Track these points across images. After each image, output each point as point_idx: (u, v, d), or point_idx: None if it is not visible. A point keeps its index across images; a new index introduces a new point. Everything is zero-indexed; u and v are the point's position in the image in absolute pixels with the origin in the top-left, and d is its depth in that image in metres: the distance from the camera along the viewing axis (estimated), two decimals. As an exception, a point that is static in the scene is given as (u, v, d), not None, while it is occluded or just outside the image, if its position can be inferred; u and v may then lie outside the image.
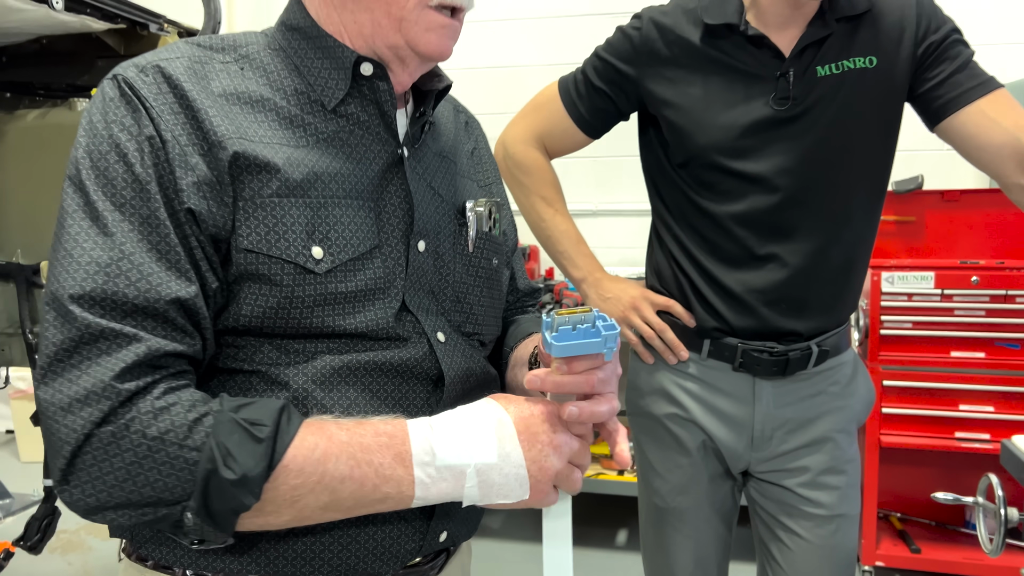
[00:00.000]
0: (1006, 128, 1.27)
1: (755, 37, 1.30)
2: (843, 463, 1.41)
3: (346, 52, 0.82)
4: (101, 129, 0.73)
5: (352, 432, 0.72)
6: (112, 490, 0.67)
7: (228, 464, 0.66)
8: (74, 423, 0.66)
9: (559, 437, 0.76)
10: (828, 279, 1.35)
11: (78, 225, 0.71)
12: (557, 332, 0.72)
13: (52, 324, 0.69)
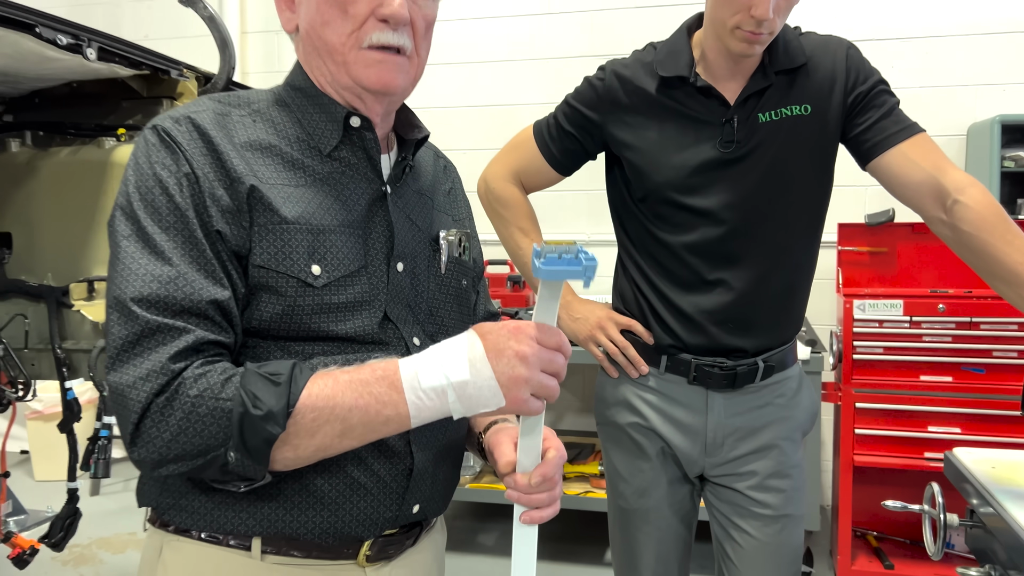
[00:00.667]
0: (924, 168, 1.44)
1: (704, 88, 1.48)
2: (788, 468, 1.56)
3: (339, 108, 1.00)
4: (146, 168, 0.91)
5: (353, 372, 0.88)
6: (169, 445, 0.83)
7: (256, 405, 0.82)
8: (138, 396, 0.83)
9: (524, 348, 0.86)
10: (770, 302, 1.52)
11: (133, 246, 0.88)
12: (545, 259, 0.83)
13: (117, 323, 0.86)
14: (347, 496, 0.95)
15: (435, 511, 1.08)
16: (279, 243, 0.92)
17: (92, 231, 1.91)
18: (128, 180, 0.92)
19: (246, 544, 0.95)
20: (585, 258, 0.83)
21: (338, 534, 0.96)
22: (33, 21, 1.60)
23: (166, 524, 0.97)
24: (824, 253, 3.44)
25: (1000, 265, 1.37)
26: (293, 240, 0.93)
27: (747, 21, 1.35)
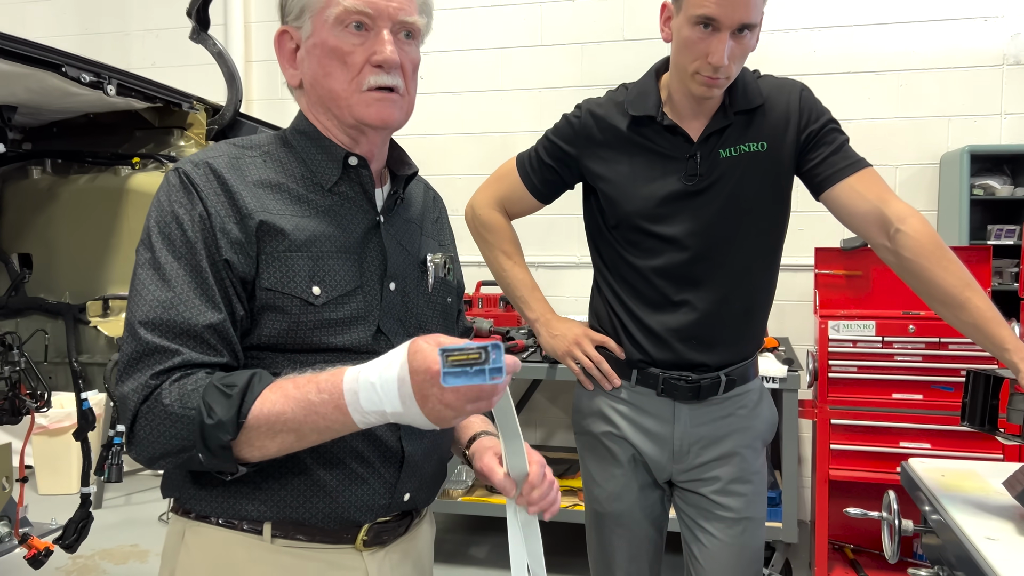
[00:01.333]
0: (870, 200, 1.58)
1: (670, 126, 1.63)
2: (749, 474, 1.70)
3: (338, 149, 1.15)
4: (167, 206, 1.06)
5: (302, 388, 0.98)
6: (154, 445, 0.98)
7: (210, 415, 0.96)
8: (131, 405, 0.99)
9: (451, 397, 0.90)
10: (731, 321, 1.66)
11: (146, 274, 1.03)
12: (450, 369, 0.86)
13: (127, 341, 1.01)
14: (346, 485, 1.09)
15: (424, 501, 1.21)
16: (284, 268, 1.06)
17: (108, 253, 2.05)
18: (151, 216, 1.07)
19: (258, 529, 1.08)
20: (491, 371, 0.86)
21: (339, 519, 1.09)
22: (60, 61, 1.75)
23: (187, 512, 1.11)
24: (801, 276, 3.63)
25: (937, 288, 1.51)
26: (296, 265, 1.07)
27: (705, 67, 1.50)
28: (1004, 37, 3.74)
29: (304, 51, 1.13)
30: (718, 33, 1.48)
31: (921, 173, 3.84)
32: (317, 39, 1.10)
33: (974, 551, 1.27)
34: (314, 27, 1.10)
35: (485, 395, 0.92)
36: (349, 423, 0.98)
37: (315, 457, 1.07)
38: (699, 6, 1.46)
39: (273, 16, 4.62)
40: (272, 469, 1.06)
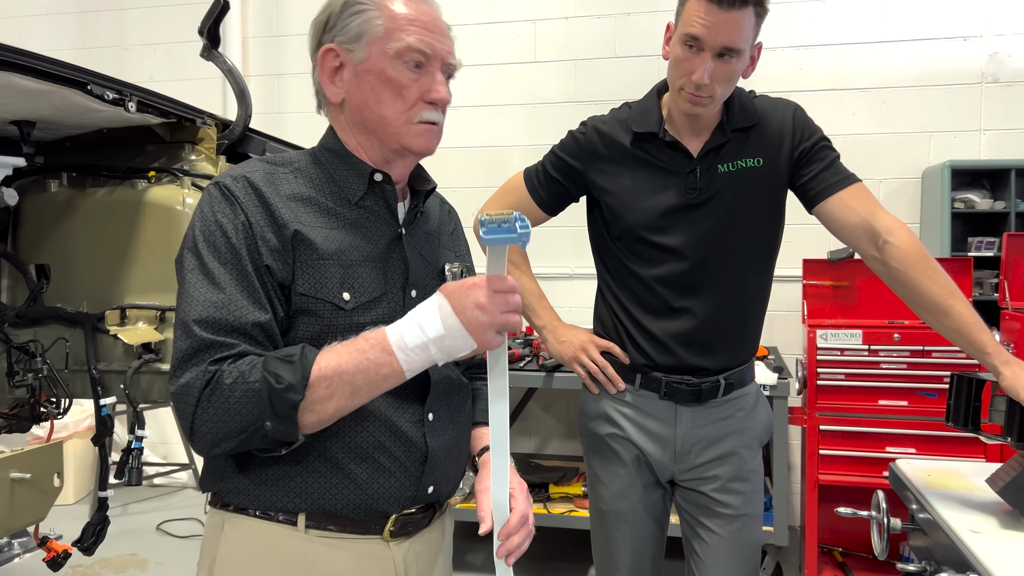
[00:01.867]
0: (860, 213, 1.68)
1: (671, 142, 1.72)
2: (747, 473, 1.78)
3: (365, 166, 1.22)
4: (210, 216, 1.13)
5: (351, 344, 1.08)
6: (218, 426, 1.04)
7: (279, 381, 1.03)
8: (191, 393, 1.05)
9: (482, 299, 1.05)
10: (729, 326, 1.75)
11: (196, 279, 1.10)
12: (486, 228, 0.99)
13: (180, 338, 1.08)
14: (375, 478, 1.16)
15: (447, 494, 1.29)
16: (317, 275, 1.14)
17: (125, 264, 2.11)
18: (195, 226, 1.14)
19: (292, 520, 1.15)
20: (520, 226, 0.99)
21: (368, 509, 1.17)
22: (86, 79, 1.82)
23: (226, 505, 1.18)
24: (790, 286, 3.74)
25: (923, 296, 1.60)
26: (328, 272, 1.15)
27: (688, 84, 1.60)
28: (982, 56, 3.88)
29: (353, 73, 1.19)
30: (701, 53, 1.57)
31: (904, 187, 3.97)
32: (373, 67, 1.17)
33: (960, 544, 1.36)
34: (371, 54, 1.16)
35: (514, 305, 1.07)
36: (395, 367, 1.06)
37: (345, 452, 1.14)
38: (688, 25, 1.56)
39: (270, 32, 4.72)
40: (306, 463, 1.13)
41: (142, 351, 2.02)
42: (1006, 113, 3.87)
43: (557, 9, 4.30)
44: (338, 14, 1.18)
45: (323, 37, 1.20)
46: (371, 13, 1.16)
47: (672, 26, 1.67)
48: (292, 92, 4.71)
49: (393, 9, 1.17)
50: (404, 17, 1.17)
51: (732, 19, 1.54)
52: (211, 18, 2.36)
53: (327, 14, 1.20)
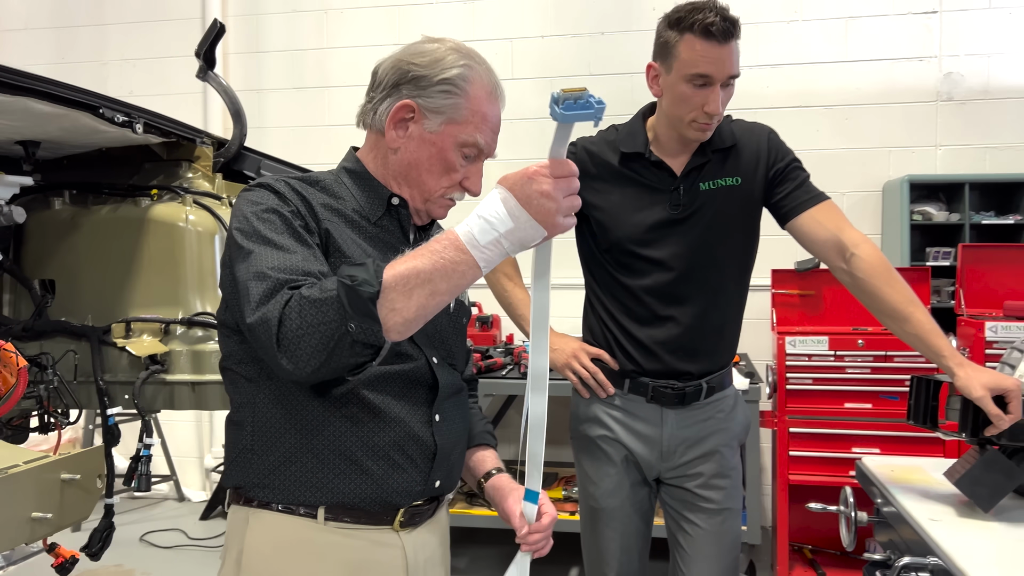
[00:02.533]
0: (829, 229, 1.82)
1: (656, 162, 1.85)
2: (728, 470, 1.91)
3: (385, 190, 1.34)
4: (260, 202, 1.22)
5: (423, 247, 1.10)
6: (304, 339, 1.06)
7: (352, 280, 1.05)
8: (274, 315, 1.08)
9: (545, 187, 1.06)
10: (710, 333, 1.88)
11: (260, 247, 1.16)
12: (563, 104, 0.97)
13: (256, 285, 1.11)
14: (390, 474, 1.26)
15: (449, 487, 1.41)
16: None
17: (129, 278, 2.19)
18: (243, 214, 1.21)
19: (313, 513, 1.25)
20: (596, 102, 0.98)
21: (382, 502, 1.27)
22: (98, 103, 1.90)
23: (250, 500, 1.27)
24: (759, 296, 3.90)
25: (886, 304, 1.75)
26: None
27: (701, 116, 1.74)
28: (938, 76, 4.09)
29: (417, 135, 1.29)
30: (711, 87, 1.71)
31: (866, 200, 4.16)
32: (438, 141, 1.28)
33: (921, 531, 1.49)
34: (442, 132, 1.27)
35: (575, 187, 1.09)
36: (472, 263, 1.08)
37: (364, 450, 1.24)
38: (693, 66, 1.70)
39: (251, 48, 4.79)
40: (328, 461, 1.23)
41: (149, 363, 2.10)
42: (960, 130, 4.09)
43: (533, 28, 4.44)
44: (432, 82, 1.27)
45: (406, 88, 1.28)
46: (460, 100, 1.27)
47: (657, 67, 1.79)
48: (272, 107, 4.79)
49: (478, 107, 1.28)
50: (482, 116, 1.28)
51: (729, 50, 1.70)
52: (208, 40, 2.45)
53: (421, 73, 1.28)
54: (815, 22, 4.19)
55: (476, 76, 1.29)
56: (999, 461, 1.55)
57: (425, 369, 1.32)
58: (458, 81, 1.27)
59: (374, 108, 1.32)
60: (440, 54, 1.29)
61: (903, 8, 4.12)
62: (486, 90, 1.30)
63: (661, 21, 1.78)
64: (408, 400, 1.28)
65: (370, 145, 1.37)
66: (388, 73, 1.30)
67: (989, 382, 1.54)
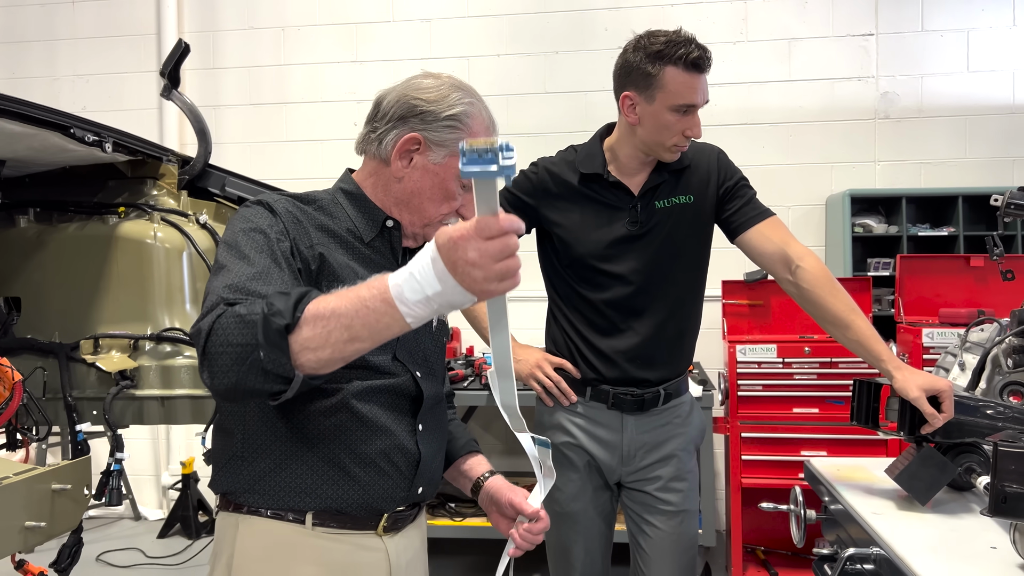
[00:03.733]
0: (775, 243, 1.94)
1: (614, 182, 1.95)
2: (685, 473, 2.01)
3: (380, 213, 1.40)
4: (251, 219, 1.27)
5: (351, 290, 1.08)
6: (224, 351, 1.08)
7: (270, 309, 1.06)
8: (205, 326, 1.10)
9: (471, 255, 0.97)
10: (668, 342, 1.98)
11: (232, 259, 1.21)
12: (467, 158, 0.90)
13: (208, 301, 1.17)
14: (375, 480, 1.33)
15: (431, 493, 1.47)
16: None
17: (97, 295, 2.21)
18: (234, 229, 1.27)
19: (301, 518, 1.31)
20: (504, 157, 0.88)
21: (368, 508, 1.33)
22: (69, 123, 1.93)
23: (239, 507, 1.32)
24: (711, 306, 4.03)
25: (829, 312, 1.87)
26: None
27: (682, 140, 1.86)
28: (875, 95, 4.30)
29: (421, 165, 1.35)
30: (693, 114, 1.84)
31: (810, 213, 4.34)
32: (441, 172, 1.35)
33: (864, 524, 1.59)
34: (445, 164, 1.34)
35: (510, 248, 0.98)
36: (397, 316, 1.04)
37: (352, 458, 1.31)
38: (679, 97, 1.81)
39: (207, 64, 4.80)
40: (317, 468, 1.29)
41: (118, 378, 2.12)
42: (896, 146, 4.29)
43: (489, 47, 4.54)
44: (438, 117, 1.33)
45: (412, 121, 1.34)
46: (463, 135, 1.34)
47: (634, 96, 1.86)
48: (228, 123, 4.80)
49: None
50: None
51: (704, 78, 1.85)
52: (173, 60, 2.49)
53: (428, 108, 1.33)
54: (760, 43, 4.37)
55: (476, 112, 1.37)
56: (934, 457, 1.66)
57: (410, 383, 1.39)
58: (462, 117, 1.34)
59: (379, 138, 1.37)
60: (444, 91, 1.35)
61: (842, 31, 4.32)
62: (484, 125, 1.38)
63: (633, 51, 1.86)
64: (394, 411, 1.36)
65: (369, 171, 1.42)
66: (393, 106, 1.36)
67: (924, 384, 1.65)
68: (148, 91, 4.84)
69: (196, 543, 4.27)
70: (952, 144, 4.27)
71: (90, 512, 4.73)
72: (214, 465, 1.37)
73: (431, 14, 4.60)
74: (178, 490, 4.49)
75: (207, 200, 2.59)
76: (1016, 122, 4.20)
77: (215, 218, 2.52)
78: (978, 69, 4.26)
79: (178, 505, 4.45)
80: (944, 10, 4.28)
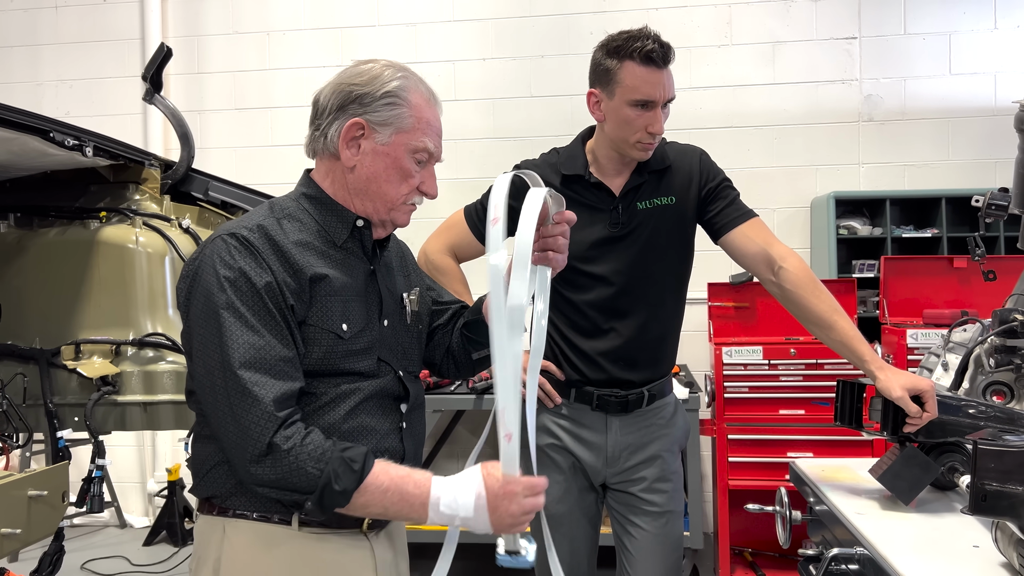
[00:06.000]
0: (758, 243, 1.94)
1: (596, 183, 1.95)
2: (669, 474, 2.01)
3: (349, 214, 1.40)
4: (232, 263, 1.26)
5: (402, 480, 1.25)
6: (277, 481, 1.20)
7: (337, 482, 1.20)
8: (262, 433, 1.20)
9: (515, 508, 1.24)
10: (650, 343, 1.98)
11: (234, 324, 1.23)
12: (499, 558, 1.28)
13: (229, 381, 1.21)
14: None
15: None
16: (324, 309, 1.32)
17: (79, 301, 2.19)
18: (214, 271, 1.25)
19: (287, 519, 1.31)
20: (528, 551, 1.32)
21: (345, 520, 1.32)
22: (49, 127, 1.92)
23: (225, 510, 1.32)
24: (697, 308, 4.05)
25: (812, 313, 1.87)
26: (332, 307, 1.32)
27: (645, 136, 1.85)
28: (859, 98, 4.32)
29: (370, 149, 1.35)
30: (653, 110, 1.83)
31: (795, 215, 4.36)
32: (391, 152, 1.35)
33: (848, 524, 1.59)
34: (393, 142, 1.35)
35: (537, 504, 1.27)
36: (423, 516, 1.26)
37: None
38: (635, 92, 1.81)
39: (191, 69, 4.78)
40: None
41: (100, 384, 2.10)
42: (880, 148, 4.32)
43: (475, 51, 4.55)
44: (375, 97, 1.34)
45: (351, 107, 1.35)
46: (403, 110, 1.35)
47: (598, 93, 1.88)
48: (214, 128, 4.78)
49: (421, 113, 1.36)
50: (426, 121, 1.37)
51: (667, 74, 1.83)
52: (155, 64, 2.47)
53: (363, 91, 1.34)
54: (744, 47, 4.39)
55: (413, 85, 1.37)
56: (917, 457, 1.67)
57: (395, 382, 1.41)
58: (399, 92, 1.35)
59: (324, 133, 1.37)
60: (376, 71, 1.36)
61: (826, 34, 4.34)
62: (424, 97, 1.38)
63: (598, 49, 1.88)
64: (380, 411, 1.37)
65: (325, 170, 1.41)
66: (331, 98, 1.36)
67: (907, 383, 1.65)
68: (132, 96, 4.81)
69: (182, 550, 4.24)
70: (935, 146, 4.30)
71: (75, 520, 4.69)
72: (195, 472, 1.36)
73: (416, 18, 4.60)
74: (164, 497, 4.45)
75: (190, 204, 2.58)
76: (998, 124, 4.22)
77: (198, 222, 2.51)
78: (960, 72, 4.30)
79: (164, 512, 4.42)
80: (926, 13, 4.31)
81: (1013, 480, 1.18)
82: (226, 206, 2.58)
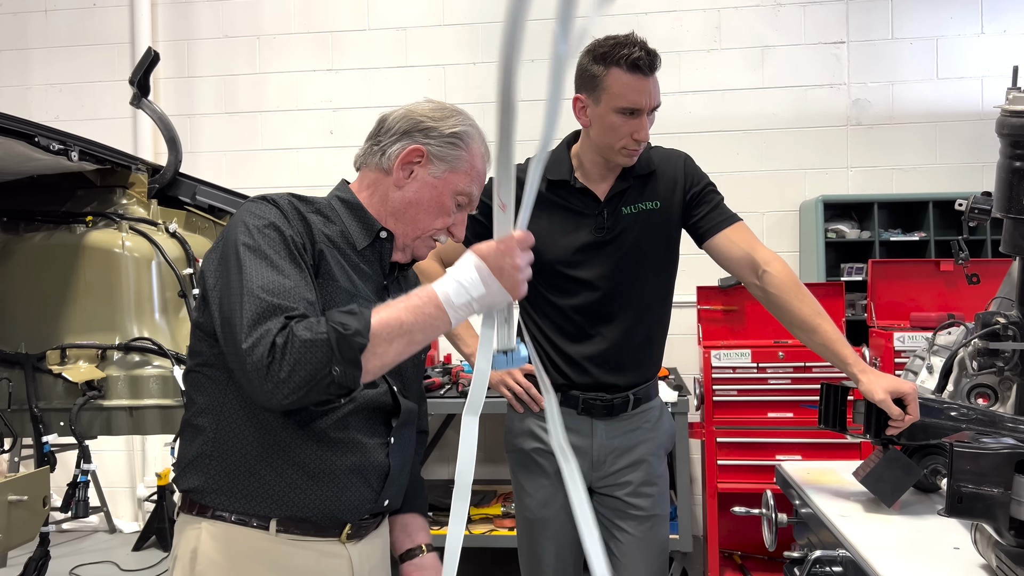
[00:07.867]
0: (742, 247, 1.95)
1: (581, 188, 1.96)
2: (655, 478, 2.02)
3: (375, 223, 1.42)
4: (262, 216, 1.28)
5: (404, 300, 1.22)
6: (291, 375, 1.15)
7: (345, 328, 1.16)
8: (265, 346, 1.15)
9: (517, 260, 1.21)
10: (636, 348, 1.99)
11: (255, 260, 1.22)
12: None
13: (248, 303, 1.18)
14: (344, 491, 1.33)
15: (397, 504, 1.48)
16: (329, 294, 1.32)
17: (64, 305, 2.19)
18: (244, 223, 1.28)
19: (265, 524, 1.31)
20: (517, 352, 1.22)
21: (333, 516, 1.33)
22: (34, 132, 1.92)
23: (204, 509, 1.32)
24: (686, 312, 4.06)
25: (795, 317, 1.88)
26: (338, 295, 1.33)
27: (630, 143, 1.86)
28: (847, 102, 4.35)
29: (421, 177, 1.40)
30: (639, 117, 1.84)
31: (784, 219, 4.37)
32: (439, 186, 1.41)
33: (831, 527, 1.60)
34: (444, 178, 1.41)
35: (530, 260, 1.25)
36: (445, 319, 1.22)
37: (323, 468, 1.31)
38: (621, 99, 1.82)
39: (182, 73, 4.78)
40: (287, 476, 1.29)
41: (85, 388, 2.10)
42: (868, 152, 4.34)
43: (464, 55, 4.55)
44: (442, 135, 1.41)
45: (417, 135, 1.41)
46: (463, 154, 1.42)
47: (584, 99, 1.89)
48: (204, 132, 4.78)
49: (475, 162, 1.44)
50: (477, 171, 1.44)
51: (653, 81, 1.84)
52: (142, 68, 2.48)
53: (432, 125, 1.41)
54: (733, 51, 4.40)
55: (476, 136, 1.44)
56: (899, 459, 1.68)
57: (387, 395, 1.40)
58: (463, 136, 1.42)
59: (383, 149, 1.42)
60: (450, 113, 1.44)
61: (814, 39, 4.36)
62: (480, 151, 1.45)
63: (584, 55, 1.89)
64: (370, 424, 1.37)
65: (368, 182, 1.45)
66: (400, 121, 1.42)
67: (889, 386, 1.67)
68: (122, 100, 4.76)
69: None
70: (922, 150, 4.33)
71: (64, 525, 4.68)
72: (178, 462, 1.36)
73: (407, 22, 4.61)
74: (153, 502, 4.44)
75: (178, 209, 2.58)
76: (984, 128, 4.23)
77: (185, 227, 2.51)
78: (947, 76, 4.32)
79: (153, 517, 4.41)
80: (914, 18, 4.34)
81: (988, 482, 1.18)
82: (213, 210, 2.58)
